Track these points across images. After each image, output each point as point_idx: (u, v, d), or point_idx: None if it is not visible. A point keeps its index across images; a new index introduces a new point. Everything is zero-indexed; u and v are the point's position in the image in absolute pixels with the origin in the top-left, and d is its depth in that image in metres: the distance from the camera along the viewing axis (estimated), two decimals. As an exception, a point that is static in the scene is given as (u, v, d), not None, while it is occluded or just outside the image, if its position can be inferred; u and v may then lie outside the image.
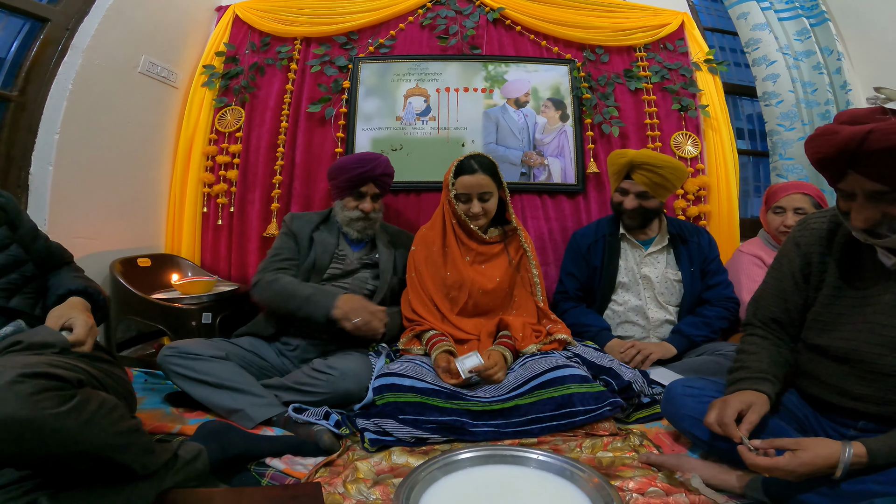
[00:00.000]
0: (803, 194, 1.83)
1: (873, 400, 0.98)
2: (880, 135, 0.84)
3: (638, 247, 1.85)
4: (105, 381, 0.99)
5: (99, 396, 0.85)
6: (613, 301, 1.84)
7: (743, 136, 3.00)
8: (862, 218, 0.93)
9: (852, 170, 0.90)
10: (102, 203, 2.06)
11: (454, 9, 2.52)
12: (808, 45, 2.52)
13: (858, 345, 0.99)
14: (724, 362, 1.57)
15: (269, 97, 2.43)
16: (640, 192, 1.75)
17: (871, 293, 1.00)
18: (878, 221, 0.91)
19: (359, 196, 1.77)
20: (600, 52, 2.52)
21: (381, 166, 1.78)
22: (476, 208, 1.66)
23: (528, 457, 0.99)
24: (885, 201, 0.89)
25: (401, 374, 1.39)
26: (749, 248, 1.94)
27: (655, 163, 1.72)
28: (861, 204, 0.92)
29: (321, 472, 1.14)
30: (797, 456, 0.88)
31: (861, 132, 0.86)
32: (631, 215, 1.80)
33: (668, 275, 1.81)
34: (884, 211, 0.90)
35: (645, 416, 1.43)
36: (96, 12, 1.98)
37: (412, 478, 0.89)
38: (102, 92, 2.01)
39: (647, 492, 1.02)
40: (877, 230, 0.93)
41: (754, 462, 0.92)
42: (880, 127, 0.85)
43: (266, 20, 2.49)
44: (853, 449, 0.86)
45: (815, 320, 1.09)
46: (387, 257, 1.80)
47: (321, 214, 1.88)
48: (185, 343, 1.48)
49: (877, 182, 0.88)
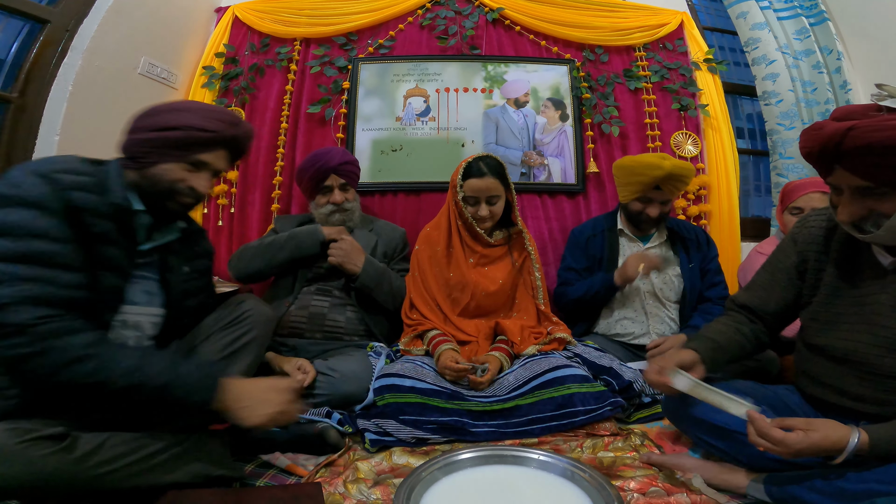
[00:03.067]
0: (822, 193, 1.74)
1: (872, 400, 0.97)
2: (860, 132, 0.84)
3: (636, 242, 1.86)
4: None
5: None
6: (613, 300, 1.84)
7: (743, 135, 2.99)
8: (847, 212, 0.93)
9: (838, 165, 0.90)
10: (103, 204, 2.05)
11: (453, 9, 2.52)
12: (807, 45, 2.52)
13: (857, 345, 0.98)
14: (725, 362, 1.58)
15: (269, 98, 2.43)
16: (666, 200, 1.77)
17: (868, 292, 0.99)
18: (863, 217, 0.92)
19: (326, 191, 1.82)
20: (600, 52, 2.52)
21: (338, 156, 1.81)
22: (484, 211, 1.65)
23: (528, 457, 0.99)
24: (871, 197, 0.89)
25: (401, 374, 1.39)
26: (765, 248, 1.91)
27: (685, 174, 1.72)
28: (848, 199, 0.93)
29: (322, 472, 1.14)
30: (808, 435, 0.86)
31: (842, 129, 0.86)
32: (652, 222, 1.80)
33: (667, 271, 1.82)
34: (870, 207, 0.90)
35: (646, 415, 1.43)
36: (96, 14, 1.98)
37: (413, 478, 0.89)
38: (103, 93, 2.01)
39: (649, 492, 1.02)
40: (862, 225, 0.93)
41: (765, 431, 0.88)
42: (861, 124, 0.85)
43: (266, 21, 2.50)
44: (861, 436, 0.85)
45: (813, 320, 1.09)
46: (363, 242, 1.82)
47: (306, 216, 1.96)
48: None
49: (860, 178, 0.88)
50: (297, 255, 1.70)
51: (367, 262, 1.70)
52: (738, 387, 1.14)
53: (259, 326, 1.18)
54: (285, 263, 1.71)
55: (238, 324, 1.16)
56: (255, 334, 1.17)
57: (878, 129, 0.83)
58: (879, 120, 0.84)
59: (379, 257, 1.83)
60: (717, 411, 1.06)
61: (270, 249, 1.71)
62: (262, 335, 1.19)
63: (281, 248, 1.69)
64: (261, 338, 1.18)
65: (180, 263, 1.14)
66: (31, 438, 0.79)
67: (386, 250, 1.86)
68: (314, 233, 1.71)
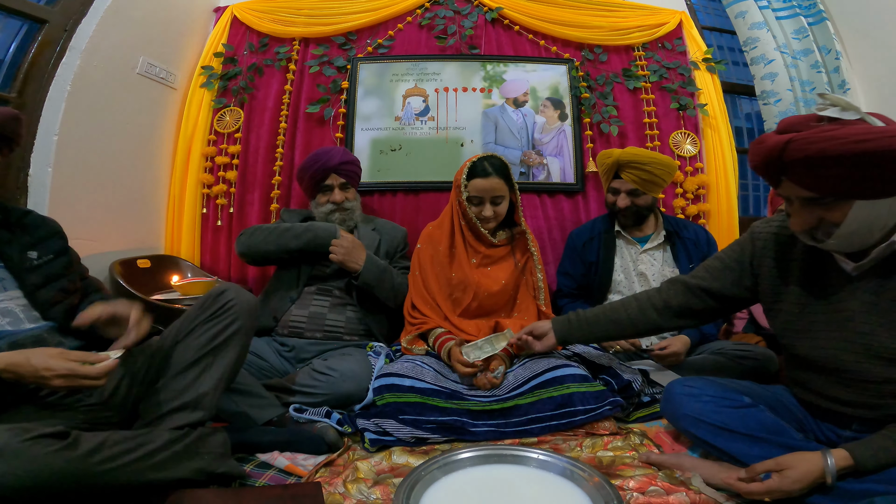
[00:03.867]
0: None
1: (861, 405, 0.97)
2: (798, 144, 0.84)
3: (633, 244, 1.86)
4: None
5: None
6: (610, 299, 1.84)
7: (742, 134, 3.00)
8: (798, 223, 0.93)
9: (784, 177, 0.90)
10: (102, 204, 2.05)
11: (452, 9, 2.52)
12: (806, 44, 2.52)
13: (835, 352, 0.98)
14: (723, 361, 1.58)
15: (268, 98, 2.43)
16: (630, 190, 1.78)
17: (838, 299, 0.98)
18: (814, 226, 0.92)
19: (326, 190, 1.83)
20: (598, 52, 2.52)
21: (338, 156, 1.82)
22: (488, 212, 1.65)
23: (528, 456, 0.98)
24: (819, 207, 0.89)
25: (400, 374, 1.39)
26: None
27: (641, 160, 1.73)
28: (797, 209, 0.93)
29: (321, 471, 1.14)
30: (786, 476, 0.89)
31: (781, 142, 0.86)
32: (625, 214, 1.82)
33: (665, 272, 1.81)
34: (820, 216, 0.90)
35: (645, 415, 1.43)
36: (94, 14, 1.98)
37: (412, 477, 0.89)
38: (101, 93, 2.01)
39: (648, 491, 1.02)
40: (814, 234, 0.93)
41: (748, 490, 0.93)
42: (799, 136, 0.85)
43: (264, 21, 2.49)
44: (834, 458, 0.88)
45: (786, 329, 1.08)
46: (367, 240, 1.84)
47: (309, 213, 1.97)
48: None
49: (805, 189, 0.88)
50: (310, 248, 1.70)
51: (368, 260, 1.70)
52: (736, 386, 1.14)
53: (243, 316, 1.15)
54: (295, 252, 1.72)
55: (221, 315, 1.13)
56: (240, 324, 1.14)
57: (815, 140, 0.83)
58: (817, 131, 0.84)
59: (381, 256, 1.83)
60: (716, 411, 1.07)
61: (286, 235, 1.72)
62: (247, 325, 1.17)
63: (297, 237, 1.70)
64: (246, 327, 1.16)
65: (21, 251, 1.12)
66: (34, 437, 0.79)
67: (388, 249, 1.87)
68: (331, 230, 1.72)
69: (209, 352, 1.11)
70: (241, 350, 1.16)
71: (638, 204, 1.80)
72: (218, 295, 1.16)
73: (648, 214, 1.85)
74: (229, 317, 1.13)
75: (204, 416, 1.07)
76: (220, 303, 1.15)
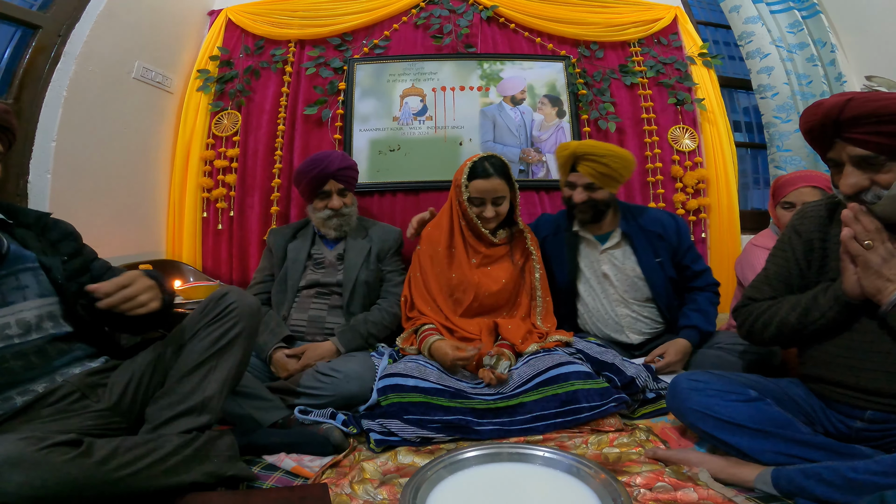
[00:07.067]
0: (812, 188, 1.72)
1: (883, 378, 0.98)
2: (859, 102, 0.91)
3: (594, 244, 1.78)
4: None
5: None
6: (580, 303, 1.80)
7: (740, 128, 3.00)
8: (849, 184, 0.97)
9: (838, 138, 0.96)
10: (102, 210, 2.05)
11: (448, 8, 2.52)
12: (801, 38, 2.52)
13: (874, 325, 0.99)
14: (724, 355, 1.57)
15: (265, 100, 2.42)
16: (587, 184, 1.69)
17: None
18: (865, 188, 0.95)
19: (324, 195, 1.81)
20: (595, 48, 2.52)
21: (336, 161, 1.80)
22: (489, 212, 1.64)
23: (533, 454, 0.98)
24: (872, 168, 0.94)
25: (404, 374, 1.39)
26: (761, 241, 1.87)
27: (598, 153, 1.66)
28: (848, 171, 0.97)
29: (327, 473, 1.13)
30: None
31: (842, 100, 0.93)
32: (582, 209, 1.73)
33: (627, 270, 1.74)
34: (871, 178, 0.94)
35: (650, 411, 1.43)
36: (87, 19, 1.97)
37: (418, 477, 0.89)
38: (97, 98, 2.00)
39: (655, 487, 1.02)
40: (863, 198, 0.96)
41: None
42: (859, 95, 0.92)
43: (259, 23, 2.49)
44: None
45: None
46: (356, 251, 1.81)
47: (301, 222, 1.96)
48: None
49: (860, 147, 0.93)
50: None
51: (329, 346, 1.63)
52: (742, 380, 1.14)
53: (245, 318, 1.15)
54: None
55: (223, 318, 1.13)
56: (243, 327, 1.14)
57: (874, 98, 0.90)
58: (875, 94, 0.92)
59: (372, 260, 1.82)
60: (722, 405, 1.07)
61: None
62: (250, 327, 1.16)
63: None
64: (248, 330, 1.16)
65: (53, 253, 1.13)
66: (48, 445, 0.79)
67: (378, 252, 1.84)
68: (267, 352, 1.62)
69: (213, 355, 1.10)
70: (244, 353, 1.16)
71: (595, 199, 1.71)
72: (220, 298, 1.16)
73: (606, 210, 1.76)
74: (231, 320, 1.13)
75: (210, 420, 1.07)
76: (221, 306, 1.15)
